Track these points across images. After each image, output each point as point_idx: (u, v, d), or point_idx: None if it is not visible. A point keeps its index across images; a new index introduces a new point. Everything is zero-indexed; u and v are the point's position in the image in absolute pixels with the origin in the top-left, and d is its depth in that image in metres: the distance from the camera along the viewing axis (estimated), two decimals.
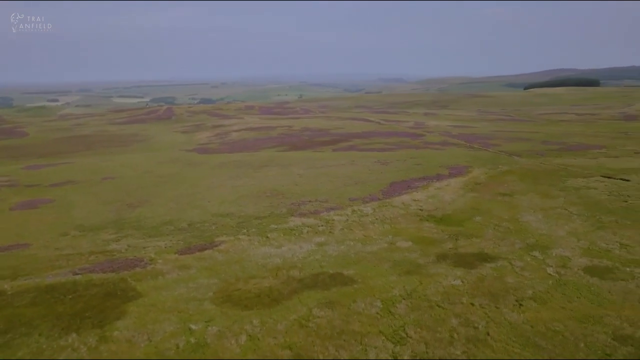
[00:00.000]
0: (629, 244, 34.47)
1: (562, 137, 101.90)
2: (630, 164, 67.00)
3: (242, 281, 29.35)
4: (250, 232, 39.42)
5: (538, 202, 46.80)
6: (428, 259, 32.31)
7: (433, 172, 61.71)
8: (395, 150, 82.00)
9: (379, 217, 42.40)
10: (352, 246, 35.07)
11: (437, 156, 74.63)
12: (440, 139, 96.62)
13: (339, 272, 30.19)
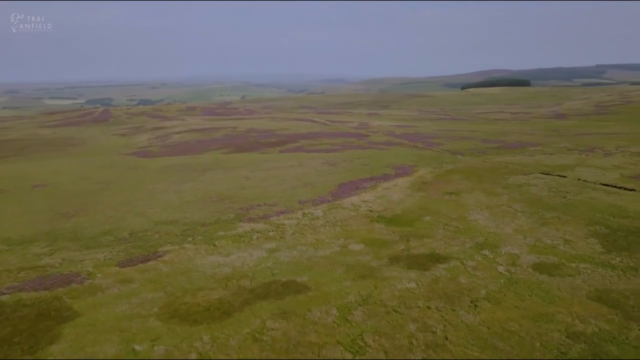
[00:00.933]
0: (572, 239, 35.55)
1: (500, 136, 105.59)
2: (565, 161, 70.11)
3: (189, 294, 27.69)
4: (197, 240, 37.60)
5: (484, 200, 47.71)
6: (381, 262, 31.87)
7: (380, 172, 61.85)
8: (342, 150, 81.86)
9: (329, 219, 41.70)
10: (304, 251, 34.12)
11: (382, 156, 75.07)
12: (384, 139, 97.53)
13: (292, 280, 29.15)
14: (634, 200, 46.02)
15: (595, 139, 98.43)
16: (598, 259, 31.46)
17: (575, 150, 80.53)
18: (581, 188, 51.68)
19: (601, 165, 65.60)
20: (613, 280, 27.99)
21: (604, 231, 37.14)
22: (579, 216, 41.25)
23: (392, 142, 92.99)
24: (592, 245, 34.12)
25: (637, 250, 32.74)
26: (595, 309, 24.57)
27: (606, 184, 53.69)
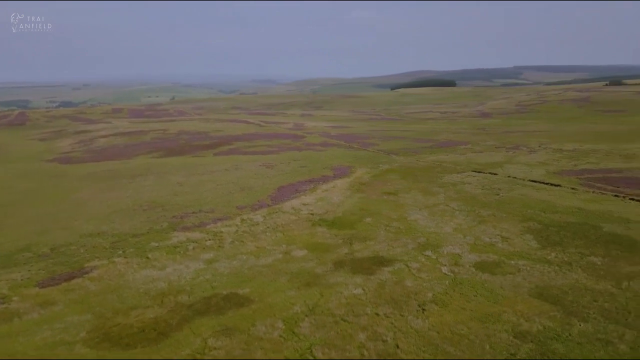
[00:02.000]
0: (509, 236, 36.41)
1: (431, 135, 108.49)
2: (494, 158, 72.81)
3: (121, 314, 25.40)
4: (128, 253, 34.95)
5: (421, 199, 48.17)
6: (326, 268, 30.97)
7: (318, 173, 61.17)
8: (279, 152, 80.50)
9: (270, 225, 40.31)
10: (245, 260, 32.56)
11: (320, 157, 74.52)
12: (320, 140, 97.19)
13: (233, 292, 27.56)
14: (561, 196, 48.22)
15: (519, 137, 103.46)
16: (535, 255, 32.30)
17: (502, 148, 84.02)
18: (512, 185, 53.60)
19: (527, 162, 68.68)
20: (551, 276, 28.71)
21: (537, 227, 38.41)
22: (512, 213, 42.51)
23: (328, 143, 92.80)
24: (528, 242, 35.08)
25: (569, 245, 33.99)
26: (538, 307, 24.96)
27: (534, 180, 56.09)
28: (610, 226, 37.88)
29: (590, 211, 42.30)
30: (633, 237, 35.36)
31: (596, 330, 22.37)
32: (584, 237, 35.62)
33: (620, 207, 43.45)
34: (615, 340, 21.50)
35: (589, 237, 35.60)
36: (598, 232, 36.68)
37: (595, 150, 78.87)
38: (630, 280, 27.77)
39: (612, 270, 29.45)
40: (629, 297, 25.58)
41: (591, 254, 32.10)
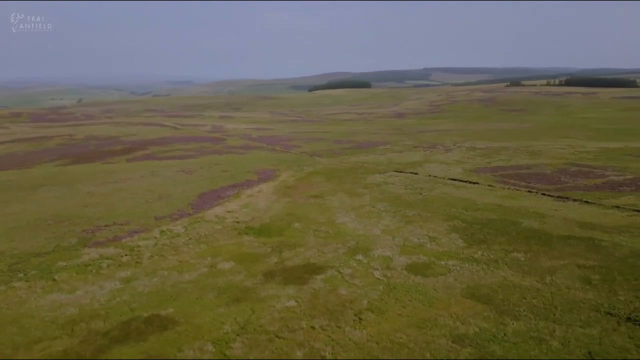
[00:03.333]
0: (436, 236, 36.76)
1: (351, 136, 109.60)
2: (413, 158, 74.54)
3: (22, 349, 22.21)
4: (30, 275, 31.02)
5: (348, 201, 47.77)
6: (255, 280, 29.32)
7: (242, 178, 59.07)
8: (198, 156, 77.15)
9: (193, 236, 37.84)
10: (167, 277, 30.06)
11: (242, 161, 72.29)
12: (241, 143, 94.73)
13: (155, 314, 25.15)
14: (480, 193, 49.91)
15: (434, 136, 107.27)
16: (462, 254, 32.72)
17: (419, 147, 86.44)
18: (433, 184, 54.82)
19: (444, 161, 70.97)
20: (480, 275, 29.09)
21: (462, 225, 39.19)
22: (437, 212, 43.20)
23: (250, 145, 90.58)
24: (455, 241, 35.57)
25: (493, 242, 34.86)
26: (472, 307, 25.02)
27: (453, 178, 57.82)
28: (527, 221, 39.48)
29: (508, 207, 43.99)
30: (549, 231, 37.01)
31: (529, 329, 22.68)
32: (505, 233, 36.76)
33: (534, 202, 45.64)
34: (547, 337, 21.89)
35: (510, 233, 36.79)
36: (518, 227, 38.06)
37: (505, 147, 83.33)
38: (553, 275, 28.76)
39: (535, 265, 30.42)
40: (554, 292, 26.38)
41: (514, 250, 33.07)
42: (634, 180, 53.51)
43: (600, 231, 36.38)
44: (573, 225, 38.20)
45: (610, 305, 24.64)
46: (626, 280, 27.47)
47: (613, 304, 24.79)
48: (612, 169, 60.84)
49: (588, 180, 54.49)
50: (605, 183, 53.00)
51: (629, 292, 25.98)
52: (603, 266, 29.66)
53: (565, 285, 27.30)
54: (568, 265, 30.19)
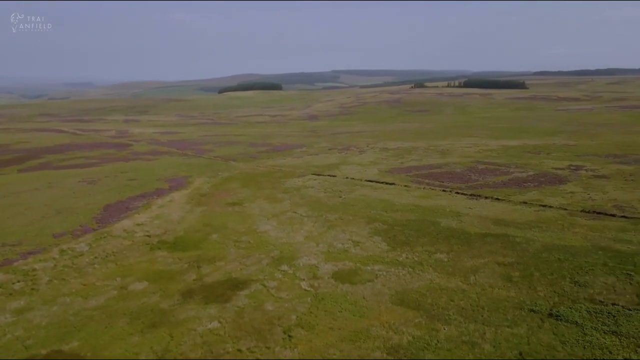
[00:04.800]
0: (359, 240, 36.24)
1: (266, 139, 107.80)
2: (329, 160, 74.42)
3: None
4: None
5: (268, 208, 46.12)
6: (173, 301, 26.85)
7: (151, 187, 55.25)
8: (102, 164, 71.40)
9: (99, 254, 34.21)
10: (70, 304, 26.65)
11: (151, 168, 67.94)
12: (149, 148, 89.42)
13: (56, 350, 21.98)
14: (397, 194, 50.46)
15: (348, 138, 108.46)
16: (387, 258, 32.39)
17: (335, 150, 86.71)
18: (351, 186, 54.70)
19: (360, 162, 71.53)
20: (407, 279, 28.81)
21: (383, 227, 39.07)
22: (358, 214, 42.85)
23: (159, 151, 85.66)
24: (378, 244, 35.26)
25: (416, 244, 34.97)
26: (402, 314, 24.53)
27: (370, 180, 58.17)
28: (446, 221, 40.25)
29: (425, 207, 44.72)
30: (466, 229, 37.92)
31: (460, 333, 22.54)
32: (426, 234, 37.11)
33: (449, 201, 46.85)
34: (479, 340, 21.84)
35: (430, 233, 37.19)
36: (437, 227, 38.62)
37: (416, 147, 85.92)
38: (476, 274, 29.19)
39: (458, 265, 30.77)
40: (479, 292, 26.66)
41: (437, 251, 33.34)
42: (536, 177, 57.01)
43: (513, 227, 37.86)
44: (488, 222, 39.48)
45: (532, 301, 25.28)
46: (543, 276, 28.48)
47: (534, 300, 25.47)
48: (515, 165, 64.55)
49: (495, 178, 57.22)
50: (511, 180, 55.94)
51: (547, 288, 26.89)
52: (520, 262, 30.64)
53: (489, 284, 27.75)
54: (488, 263, 30.86)
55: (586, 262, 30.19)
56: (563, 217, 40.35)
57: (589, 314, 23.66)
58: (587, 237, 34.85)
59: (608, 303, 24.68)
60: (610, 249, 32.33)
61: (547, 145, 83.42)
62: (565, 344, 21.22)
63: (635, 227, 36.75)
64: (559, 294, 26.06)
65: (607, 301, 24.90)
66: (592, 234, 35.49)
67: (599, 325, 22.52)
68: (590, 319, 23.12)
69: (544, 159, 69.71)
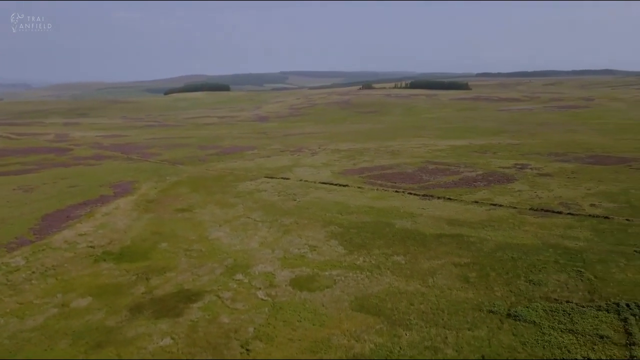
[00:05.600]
0: (316, 244, 35.54)
1: (215, 141, 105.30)
2: (282, 162, 73.42)
3: None
4: None
5: (220, 213, 44.63)
6: (120, 317, 25.14)
7: (95, 193, 52.38)
8: (40, 170, 67.16)
9: (37, 268, 31.76)
10: (4, 326, 24.42)
11: (94, 173, 64.58)
12: (92, 153, 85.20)
13: None
14: (351, 196, 50.16)
15: (299, 139, 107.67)
16: (345, 262, 31.86)
17: (287, 151, 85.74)
18: (305, 189, 53.95)
19: (313, 164, 70.94)
20: (366, 284, 28.35)
21: (339, 230, 38.55)
22: (313, 218, 42.14)
23: (102, 155, 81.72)
24: (335, 248, 34.68)
25: (372, 246, 34.63)
26: (363, 321, 24.00)
27: (324, 182, 57.59)
28: (400, 222, 40.22)
29: (380, 209, 44.59)
30: (421, 230, 38.00)
31: (422, 338, 22.24)
32: (382, 236, 36.87)
33: (403, 202, 46.98)
34: (441, 345, 21.61)
35: (386, 235, 36.99)
36: (392, 229, 38.49)
37: (367, 148, 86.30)
38: (433, 276, 29.12)
39: (416, 267, 30.64)
40: (438, 295, 26.55)
41: (394, 253, 33.12)
42: (485, 176, 58.32)
43: (467, 227, 38.28)
44: (442, 223, 39.75)
45: (490, 302, 25.39)
46: (499, 275, 28.76)
47: (492, 301, 25.59)
48: (464, 165, 65.89)
49: (446, 178, 58.08)
50: (461, 179, 56.94)
51: (504, 287, 27.14)
52: (476, 263, 30.87)
53: (447, 286, 27.71)
54: (445, 264, 30.90)
55: (538, 260, 30.81)
56: (513, 215, 41.25)
57: (545, 312, 23.97)
58: (537, 235, 35.69)
59: (562, 301, 25.15)
60: (560, 246, 33.19)
61: (493, 145, 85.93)
62: (525, 344, 21.33)
63: (581, 224, 38.02)
64: (516, 293, 26.35)
65: (562, 299, 25.39)
66: (541, 232, 36.38)
67: (556, 324, 22.82)
68: (547, 318, 23.42)
69: (491, 158, 71.62)
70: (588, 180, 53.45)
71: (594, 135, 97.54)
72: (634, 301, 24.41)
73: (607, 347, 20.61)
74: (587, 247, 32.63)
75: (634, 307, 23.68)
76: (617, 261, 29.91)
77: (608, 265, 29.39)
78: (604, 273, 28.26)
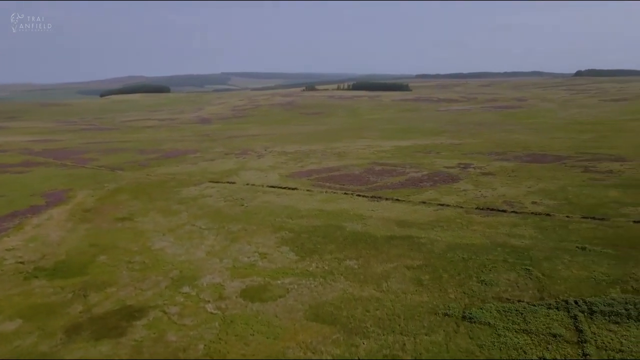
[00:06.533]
0: (266, 251, 34.42)
1: (156, 144, 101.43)
2: (227, 165, 71.50)
3: None
4: None
5: (163, 222, 42.53)
6: (54, 341, 23.04)
7: (24, 203, 48.67)
8: None
9: None
10: None
11: (22, 182, 60.15)
12: (20, 159, 79.59)
13: None
14: (301, 199, 49.32)
15: (244, 141, 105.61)
16: (297, 269, 30.97)
17: (231, 154, 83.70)
18: (253, 193, 52.59)
19: (259, 167, 69.51)
20: (320, 291, 27.58)
21: (290, 236, 37.60)
22: (262, 224, 40.94)
23: (32, 162, 76.43)
24: (286, 254, 33.72)
25: (324, 251, 33.94)
26: (319, 331, 23.19)
27: (272, 185, 56.41)
28: (351, 225, 39.81)
29: (330, 211, 44.02)
30: (372, 233, 37.72)
31: (380, 346, 21.72)
32: (333, 240, 36.27)
33: (352, 204, 46.66)
34: (400, 352, 21.18)
35: (338, 239, 36.42)
36: (343, 232, 37.99)
37: (314, 150, 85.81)
38: (387, 280, 28.78)
39: (369, 272, 30.20)
40: (393, 300, 26.19)
41: (346, 258, 32.57)
42: (430, 176, 59.16)
43: (416, 228, 38.38)
44: (392, 224, 39.67)
45: (445, 305, 25.29)
46: (451, 277, 28.81)
47: (447, 303, 25.51)
48: (410, 165, 66.68)
49: (393, 179, 58.44)
50: (408, 180, 57.46)
51: (457, 289, 27.17)
52: (428, 265, 30.84)
53: (401, 290, 27.42)
54: (398, 267, 30.67)
55: (488, 259, 31.19)
56: (461, 215, 41.84)
57: (499, 313, 24.10)
58: (485, 234, 36.27)
59: (514, 300, 25.43)
60: (507, 244, 33.84)
61: (436, 145, 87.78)
62: (482, 347, 21.26)
63: (525, 222, 39.06)
64: (469, 294, 26.42)
65: (513, 298, 25.68)
66: (489, 231, 37.02)
67: (510, 325, 22.96)
68: (501, 319, 23.54)
69: (435, 158, 72.97)
70: (528, 179, 55.36)
71: (529, 134, 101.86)
72: (581, 298, 25.05)
73: (560, 347, 20.87)
74: (533, 245, 33.44)
75: (581, 303, 24.26)
76: (562, 258, 30.78)
77: (554, 262, 30.16)
78: (551, 270, 28.94)
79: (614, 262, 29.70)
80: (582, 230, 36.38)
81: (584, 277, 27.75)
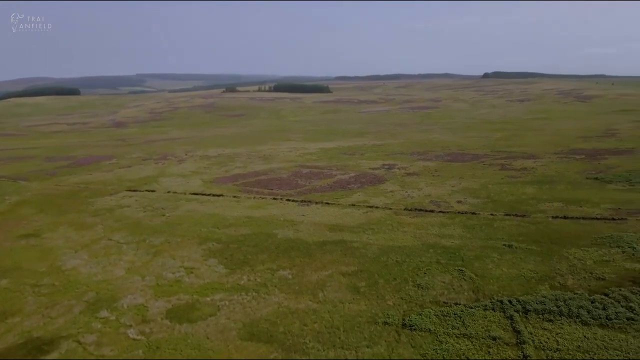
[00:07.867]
0: (193, 265, 32.20)
1: (66, 151, 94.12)
2: (145, 172, 67.46)
3: None
4: None
5: (75, 237, 38.77)
6: None
7: None
8: None
9: None
10: None
11: None
12: None
13: None
14: (227, 206, 47.18)
15: (163, 146, 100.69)
16: (227, 284, 29.12)
17: (150, 160, 79.26)
18: (175, 202, 49.65)
19: (181, 173, 66.18)
20: (253, 307, 25.97)
21: (218, 247, 35.55)
22: (187, 235, 38.47)
23: None
24: (215, 268, 31.70)
25: (256, 262, 32.30)
26: (254, 352, 21.66)
27: (195, 192, 53.59)
28: (282, 232, 38.47)
29: (259, 218, 42.39)
30: (304, 239, 36.61)
31: None
32: (265, 249, 34.72)
33: (282, 210, 45.31)
34: None
35: (269, 248, 34.92)
36: (275, 240, 36.56)
37: (238, 154, 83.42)
38: (323, 289, 27.75)
39: (304, 281, 29.03)
40: (331, 311, 25.17)
41: (279, 268, 31.17)
42: (357, 178, 59.15)
43: (348, 232, 37.78)
44: (323, 229, 38.81)
45: (384, 313, 24.65)
46: (387, 282, 28.31)
47: (385, 311, 24.89)
48: (336, 168, 66.43)
49: (321, 181, 57.77)
50: (336, 182, 57.01)
51: (394, 295, 26.68)
52: (363, 270, 30.20)
53: (338, 299, 26.49)
54: (333, 275, 29.76)
55: (421, 262, 31.11)
56: (390, 216, 41.83)
57: (438, 318, 23.81)
58: (416, 236, 36.36)
59: (451, 303, 25.32)
60: (438, 245, 34.06)
61: (359, 146, 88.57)
62: (425, 356, 20.76)
63: (453, 221, 39.73)
64: (407, 300, 25.99)
65: (450, 301, 25.57)
66: (419, 232, 37.19)
67: (450, 330, 22.70)
68: (441, 324, 23.24)
69: (359, 159, 73.39)
70: (450, 178, 56.90)
71: (446, 134, 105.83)
72: (514, 297, 25.42)
73: (501, 349, 20.84)
74: (463, 245, 33.91)
75: (515, 303, 24.58)
76: (491, 256, 31.38)
77: (484, 261, 30.65)
78: (483, 270, 29.33)
79: (539, 259, 30.70)
80: (507, 227, 37.56)
81: (514, 276, 28.34)
